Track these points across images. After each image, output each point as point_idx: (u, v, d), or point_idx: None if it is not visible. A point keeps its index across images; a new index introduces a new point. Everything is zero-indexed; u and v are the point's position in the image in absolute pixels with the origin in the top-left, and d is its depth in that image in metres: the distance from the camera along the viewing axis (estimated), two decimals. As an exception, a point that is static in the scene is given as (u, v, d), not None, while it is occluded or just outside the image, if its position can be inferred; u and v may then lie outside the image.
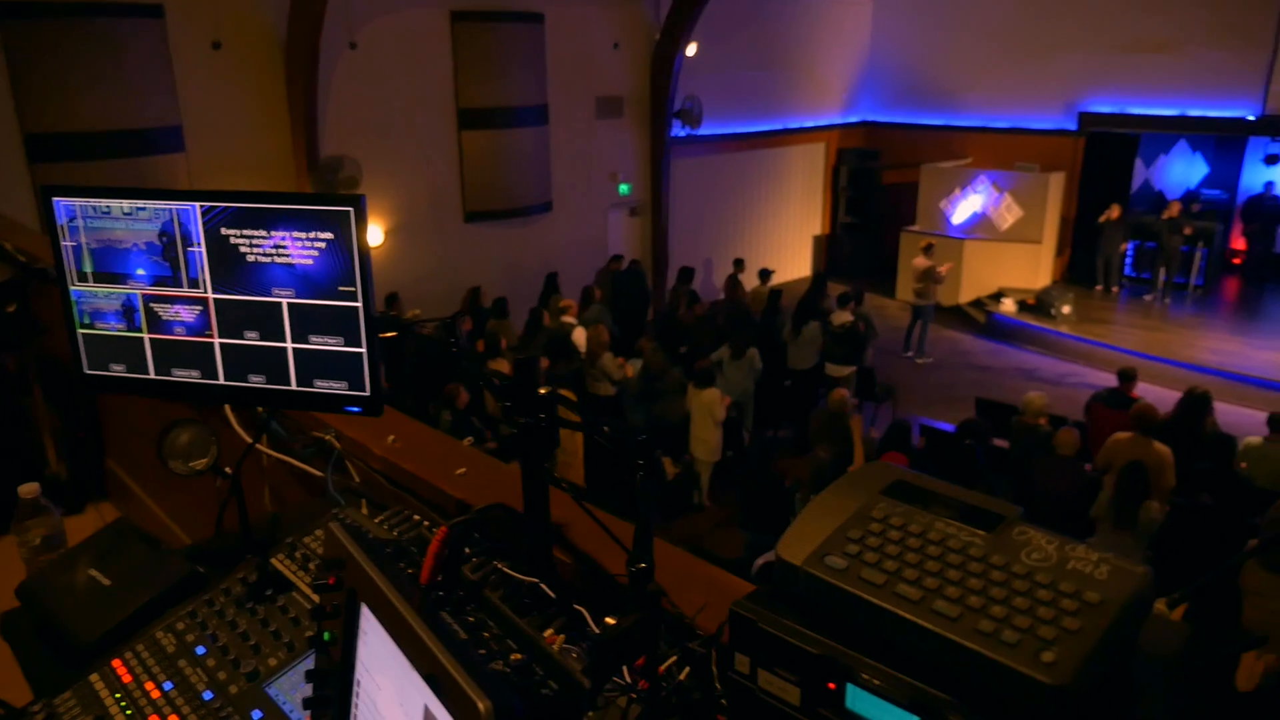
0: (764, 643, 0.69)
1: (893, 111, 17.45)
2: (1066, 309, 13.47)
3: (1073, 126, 15.30)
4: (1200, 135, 15.76)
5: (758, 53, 15.36)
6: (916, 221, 15.81)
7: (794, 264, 17.10)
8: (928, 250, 12.69)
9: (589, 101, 13.23)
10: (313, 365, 1.45)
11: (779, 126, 16.17)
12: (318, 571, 1.16)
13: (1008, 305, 14.15)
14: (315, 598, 1.05)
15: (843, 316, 10.18)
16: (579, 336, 9.78)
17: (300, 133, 10.34)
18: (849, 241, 17.51)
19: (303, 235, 1.38)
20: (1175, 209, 14.34)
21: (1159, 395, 8.53)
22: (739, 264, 12.34)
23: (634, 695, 1.08)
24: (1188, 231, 14.18)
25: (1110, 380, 8.65)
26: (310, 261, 1.38)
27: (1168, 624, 0.74)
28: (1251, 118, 13.79)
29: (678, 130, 14.13)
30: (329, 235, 1.36)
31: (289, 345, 1.44)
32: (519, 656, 0.74)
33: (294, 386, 1.47)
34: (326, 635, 0.97)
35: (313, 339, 1.43)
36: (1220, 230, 15.07)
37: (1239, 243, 16.14)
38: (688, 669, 1.10)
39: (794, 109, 16.42)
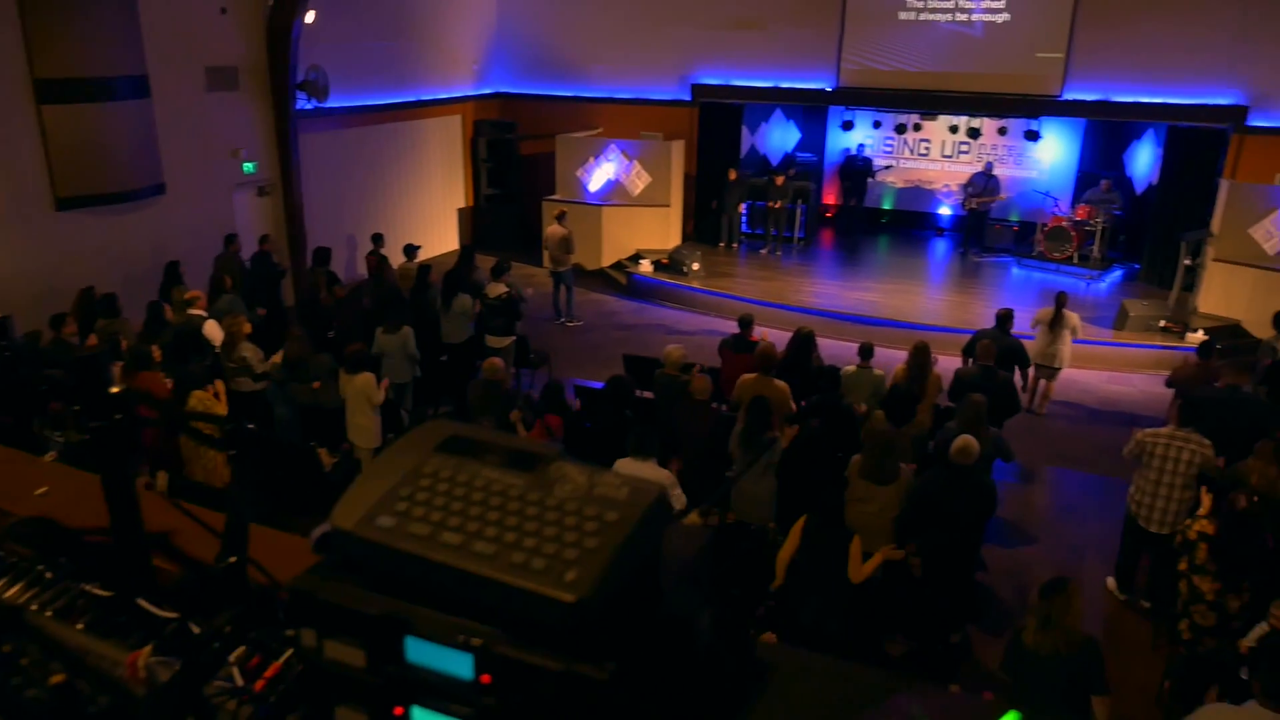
0: (326, 613, 0.69)
1: (525, 83, 17.78)
2: (696, 266, 14.64)
3: (687, 97, 16.56)
4: (791, 105, 17.76)
5: (384, 22, 14.89)
6: (556, 190, 16.31)
7: (441, 238, 16.94)
8: (560, 218, 13.16)
9: (198, 72, 12.07)
10: None
11: (412, 98, 15.84)
12: None
13: (645, 266, 15.10)
14: None
15: (498, 288, 10.27)
16: (211, 330, 8.99)
17: None
18: (493, 213, 17.67)
19: None
20: (780, 180, 16.10)
21: (777, 337, 9.55)
22: (378, 240, 11.98)
23: (245, 697, 1.04)
24: (778, 183, 15.95)
25: (735, 327, 9.54)
26: None
27: (690, 530, 0.84)
28: (829, 89, 15.81)
29: (303, 103, 13.34)
30: None
31: None
32: (60, 678, 0.68)
33: None
34: None
35: None
36: (814, 189, 17.16)
37: (830, 198, 18.48)
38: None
39: (426, 80, 16.16)
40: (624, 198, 16.03)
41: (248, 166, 12.97)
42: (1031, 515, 8.52)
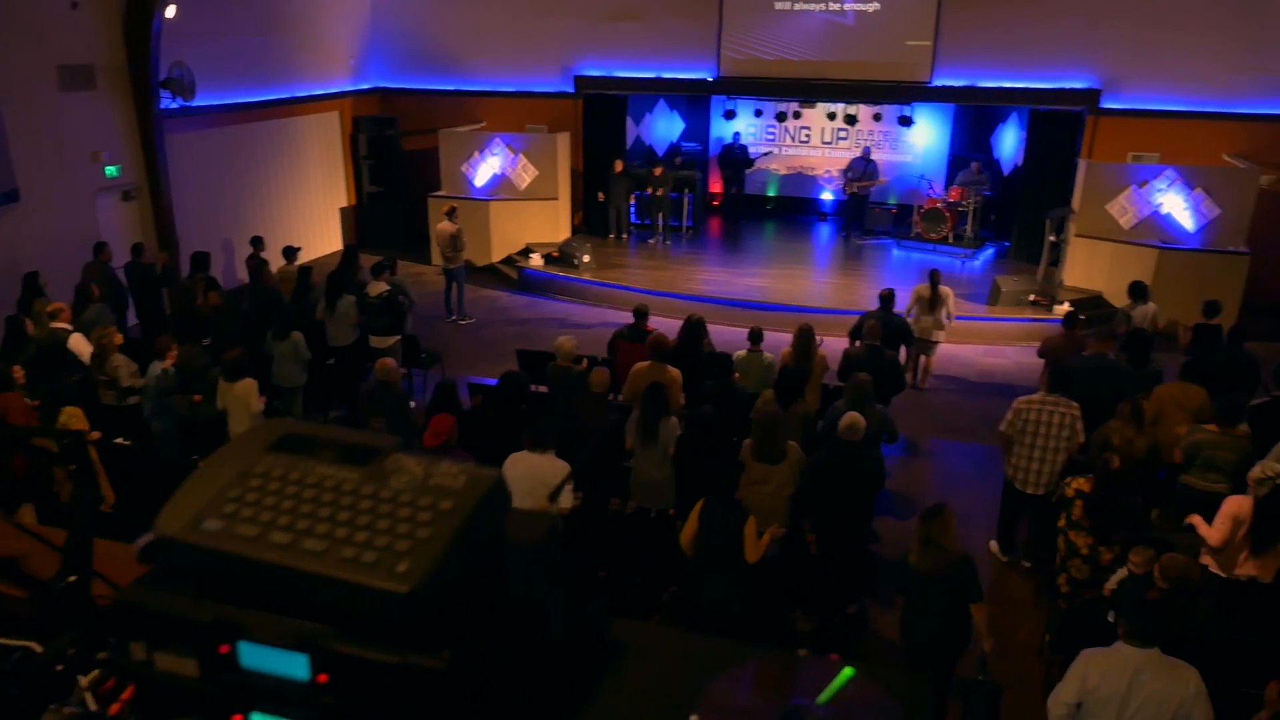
0: (154, 624, 0.67)
1: (405, 77, 17.41)
2: (586, 258, 14.63)
3: (570, 89, 16.52)
4: (675, 95, 17.92)
5: (252, 16, 14.34)
6: (441, 186, 16.05)
7: (323, 238, 16.46)
8: (451, 215, 12.95)
9: (49, 71, 11.37)
10: None
11: (286, 95, 15.31)
12: None
13: (536, 260, 15.01)
14: None
15: (379, 287, 10.04)
16: (77, 343, 8.52)
17: None
18: (377, 211, 17.27)
19: None
20: (659, 170, 16.19)
21: (670, 325, 9.63)
22: (258, 243, 11.56)
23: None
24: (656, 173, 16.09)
25: (629, 318, 9.58)
26: None
27: (535, 515, 0.85)
28: (710, 78, 16.00)
29: (168, 102, 12.74)
30: None
31: None
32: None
33: None
34: None
35: None
36: (700, 178, 17.36)
37: (716, 187, 18.72)
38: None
39: (301, 76, 15.65)
40: (511, 192, 15.89)
41: (110, 170, 12.31)
42: (918, 486, 8.84)
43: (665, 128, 18.79)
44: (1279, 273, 12.89)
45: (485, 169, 15.88)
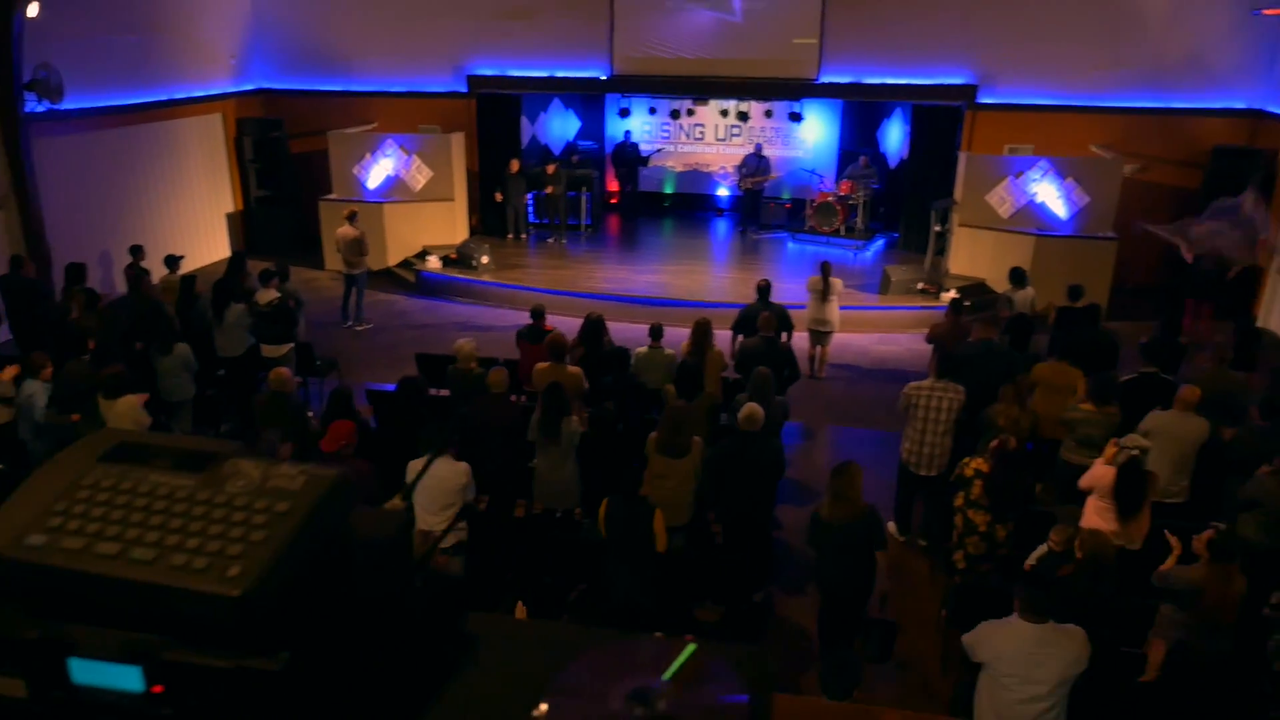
0: (-24, 645, 0.65)
1: (291, 78, 16.91)
2: (485, 259, 14.50)
3: (463, 88, 16.32)
4: (570, 94, 17.90)
5: (124, 15, 13.69)
6: (333, 190, 15.65)
7: (209, 246, 15.87)
8: (352, 219, 12.64)
9: (-102, 75, 10.66)
10: None
11: (164, 97, 14.69)
12: None
13: (433, 262, 14.79)
14: None
15: (269, 294, 9.75)
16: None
17: None
18: (266, 216, 16.73)
19: None
20: (552, 168, 16.13)
21: (571, 324, 9.61)
22: (137, 252, 11.08)
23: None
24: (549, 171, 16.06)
25: (529, 319, 9.51)
26: None
27: (386, 513, 0.85)
28: (603, 77, 16.03)
29: (34, 105, 12.07)
30: None
31: None
32: None
33: None
34: None
35: None
36: (597, 176, 17.39)
37: (613, 185, 18.79)
38: None
39: (179, 77, 15.03)
40: (406, 194, 15.61)
41: (-29, 179, 11.61)
42: (818, 473, 9.02)
43: (561, 127, 18.76)
44: (1143, 256, 13.63)
45: (378, 171, 15.56)
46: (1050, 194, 13.67)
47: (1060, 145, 14.05)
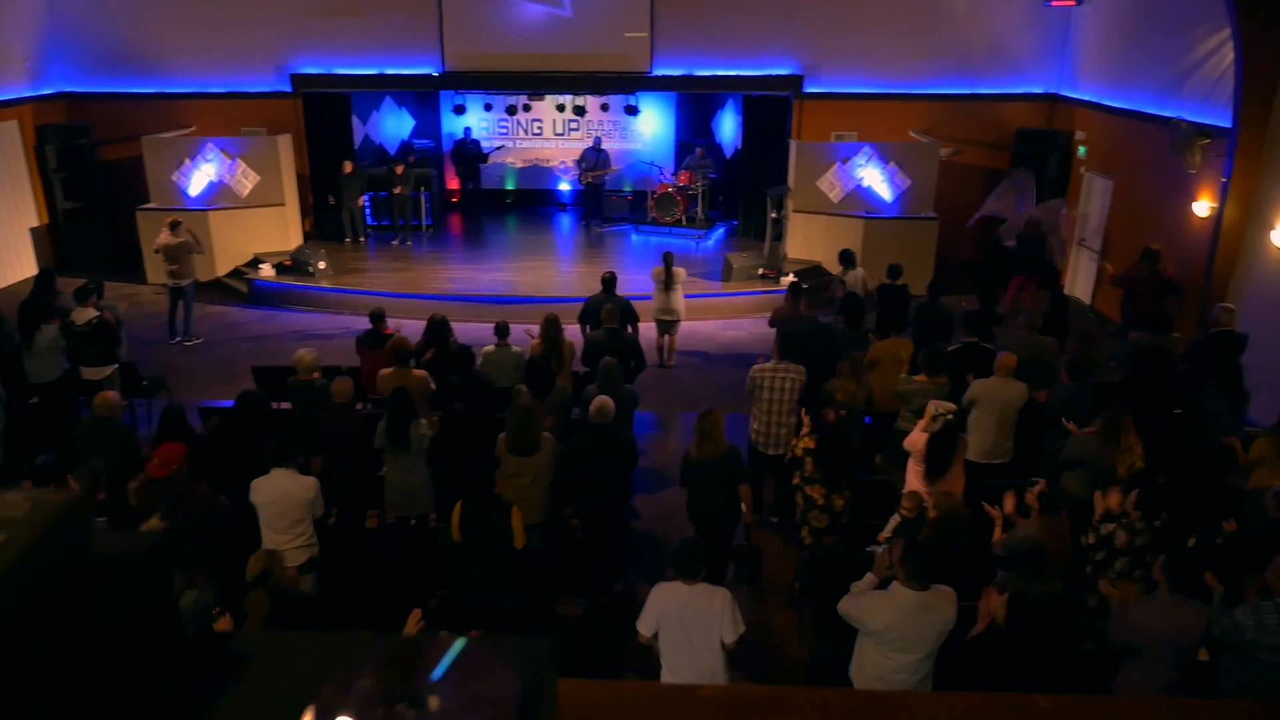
0: None
1: (96, 80, 15.75)
2: (322, 265, 13.99)
3: (288, 88, 15.66)
4: (402, 91, 17.47)
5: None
6: (150, 198, 14.71)
7: (12, 264, 14.63)
8: (174, 227, 11.87)
9: None
10: None
11: (-53, 104, 13.44)
12: None
13: (266, 270, 14.16)
14: None
15: (86, 313, 9.07)
16: None
17: None
18: (76, 229, 15.55)
19: None
20: (400, 168, 15.75)
21: (415, 327, 9.40)
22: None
23: None
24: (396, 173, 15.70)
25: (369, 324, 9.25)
26: None
27: (135, 536, 0.82)
28: (435, 73, 15.74)
29: None
30: None
31: None
32: None
33: None
34: None
35: None
36: (436, 175, 17.06)
37: (453, 183, 18.48)
38: None
39: (-36, 83, 13.78)
40: (232, 200, 14.86)
41: None
42: (672, 461, 9.16)
43: (395, 125, 18.29)
44: (964, 234, 14.53)
45: (199, 177, 14.73)
46: (875, 178, 14.37)
47: (882, 131, 14.79)
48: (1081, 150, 14.24)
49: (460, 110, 17.80)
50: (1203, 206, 10.78)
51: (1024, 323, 8.60)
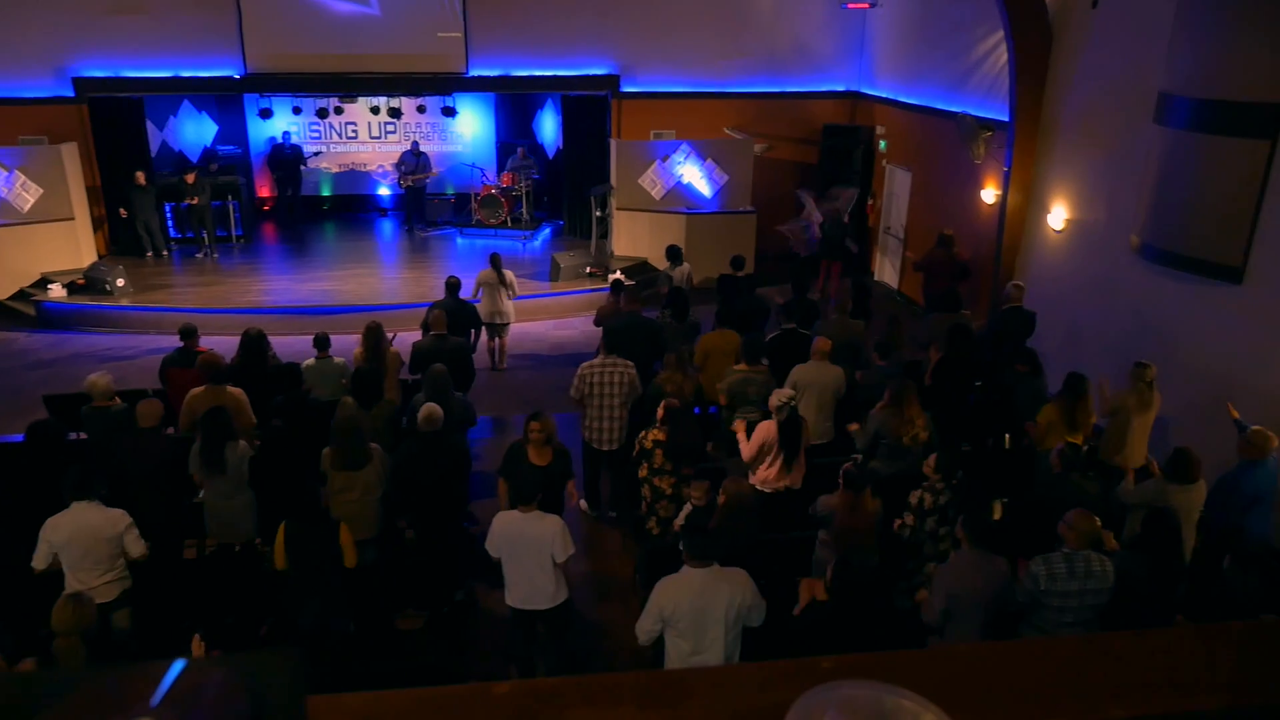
0: None
1: None
2: (121, 282, 13.03)
3: (70, 93, 14.47)
4: (202, 95, 16.48)
5: None
6: (-87, 216, 13.26)
7: None
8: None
9: None
10: None
11: None
12: None
13: (56, 291, 13.05)
14: None
15: None
16: None
17: None
18: None
19: None
20: (191, 176, 14.79)
21: (230, 343, 8.91)
22: None
23: None
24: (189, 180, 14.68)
25: (180, 342, 8.69)
26: None
27: None
28: (237, 76, 14.93)
29: None
30: None
31: None
32: None
33: None
34: None
35: None
36: (244, 182, 16.20)
37: (265, 191, 17.61)
38: None
39: None
40: (12, 216, 13.59)
41: None
42: (509, 463, 9.14)
43: (196, 131, 17.23)
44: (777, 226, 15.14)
45: (-30, 192, 13.40)
46: (694, 174, 14.76)
47: (699, 129, 15.20)
48: (883, 144, 15.12)
49: (267, 114, 16.96)
50: (989, 194, 11.69)
51: (835, 307, 9.05)
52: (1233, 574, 5.47)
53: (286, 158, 16.97)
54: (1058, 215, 10.48)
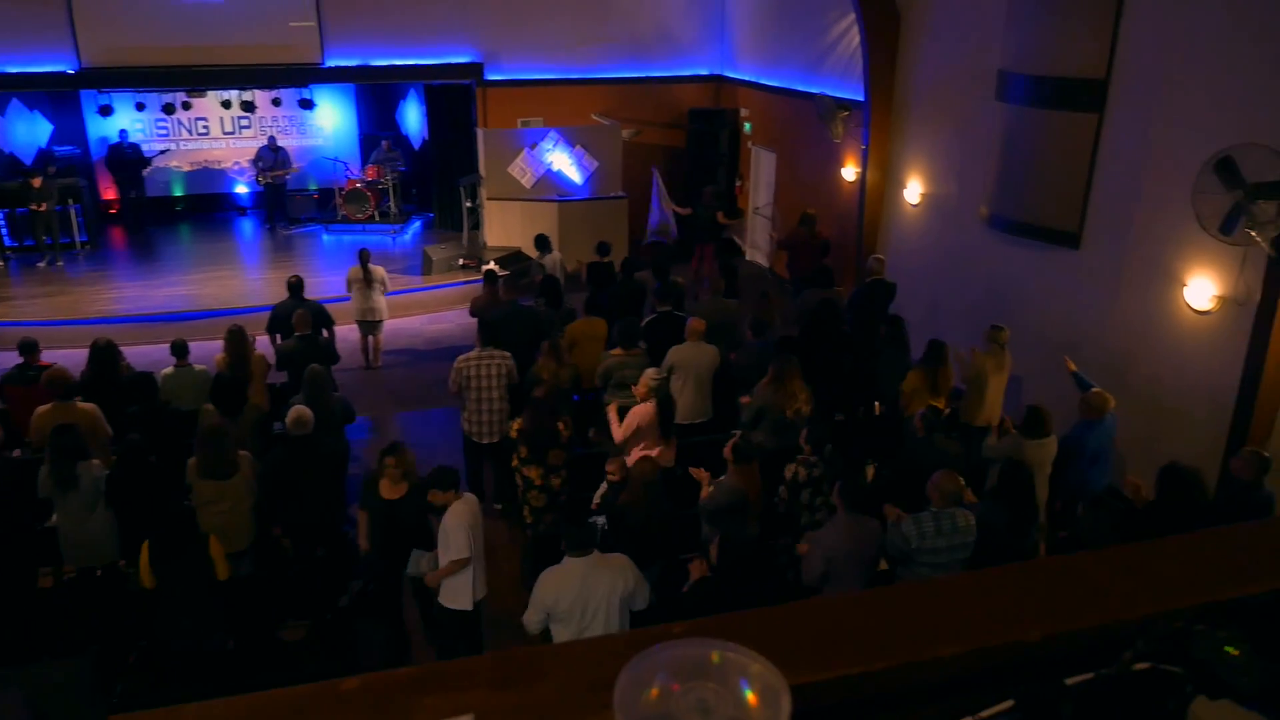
0: None
1: None
2: (-49, 296, 12.09)
3: (-123, 93, 13.29)
4: (35, 93, 15.38)
5: None
6: None
7: None
8: None
9: None
10: None
11: None
12: None
13: (-124, 309, 12.00)
14: None
15: None
16: None
17: None
18: None
19: None
20: (38, 180, 13.86)
21: (80, 356, 8.39)
22: None
23: None
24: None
25: (18, 358, 8.14)
26: None
27: None
28: (71, 71, 14.01)
29: None
30: None
31: None
32: None
33: None
34: None
35: None
36: (86, 185, 15.22)
37: (110, 193, 16.61)
38: None
39: None
40: None
41: None
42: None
43: (28, 131, 16.05)
44: (646, 211, 15.25)
45: None
46: (564, 162, 14.70)
47: (566, 116, 15.13)
48: (747, 126, 15.41)
49: (107, 111, 15.96)
50: (850, 172, 12.08)
51: (707, 289, 9.21)
52: (1087, 519, 5.87)
53: (126, 158, 16.00)
54: (913, 190, 10.93)
